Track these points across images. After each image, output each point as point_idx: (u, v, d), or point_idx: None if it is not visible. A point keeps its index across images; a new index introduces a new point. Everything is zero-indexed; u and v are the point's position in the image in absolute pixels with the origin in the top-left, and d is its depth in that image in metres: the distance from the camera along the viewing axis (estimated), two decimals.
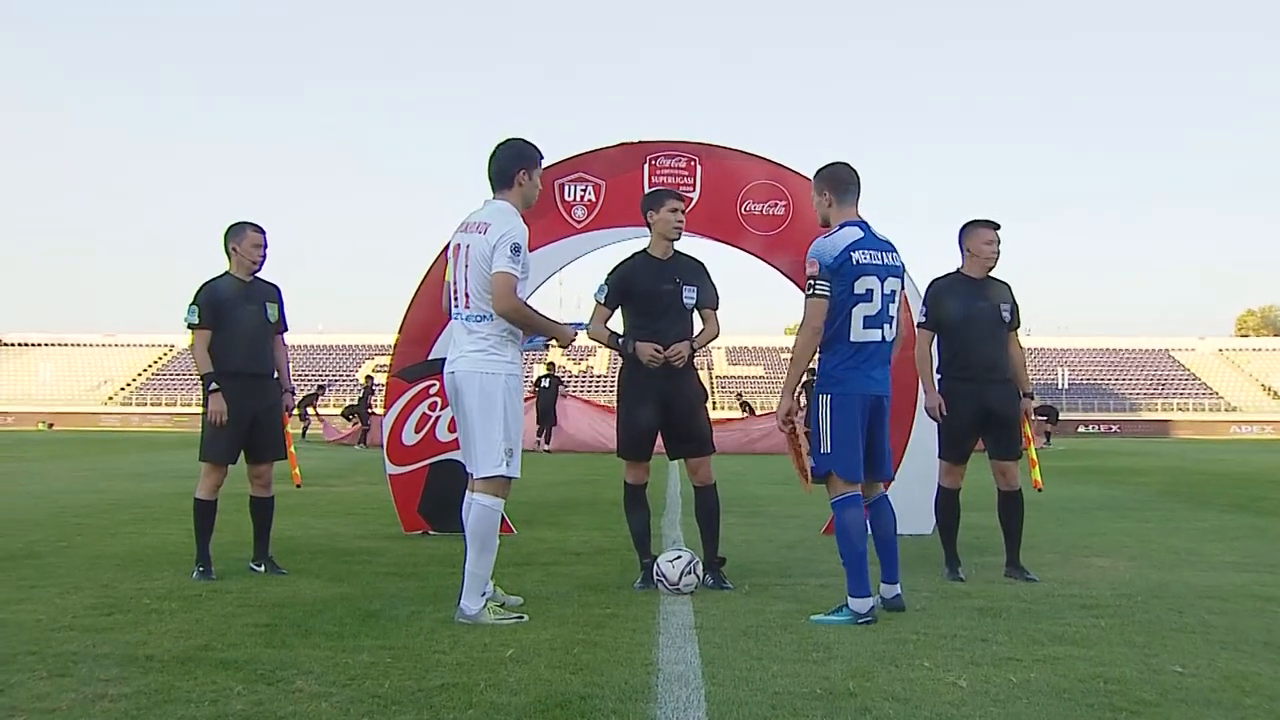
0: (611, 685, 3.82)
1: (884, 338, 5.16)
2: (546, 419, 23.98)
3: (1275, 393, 64.16)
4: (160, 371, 67.00)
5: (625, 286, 5.97)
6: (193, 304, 6.13)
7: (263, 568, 6.29)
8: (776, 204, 8.31)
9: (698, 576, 5.66)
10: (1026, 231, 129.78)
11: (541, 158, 5.28)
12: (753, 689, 3.80)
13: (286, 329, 6.53)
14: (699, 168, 8.29)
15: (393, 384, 8.33)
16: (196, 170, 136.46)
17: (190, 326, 6.16)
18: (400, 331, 8.39)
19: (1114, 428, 57.75)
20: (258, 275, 6.34)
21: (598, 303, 6.02)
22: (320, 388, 35.97)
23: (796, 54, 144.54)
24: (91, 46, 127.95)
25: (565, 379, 27.27)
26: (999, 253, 6.36)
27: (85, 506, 10.30)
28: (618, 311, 6.07)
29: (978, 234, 6.35)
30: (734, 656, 4.27)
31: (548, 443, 23.93)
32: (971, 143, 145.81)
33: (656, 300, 5.90)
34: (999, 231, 6.37)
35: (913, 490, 8.08)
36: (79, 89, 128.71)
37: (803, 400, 5.74)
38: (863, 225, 5.21)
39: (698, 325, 6.09)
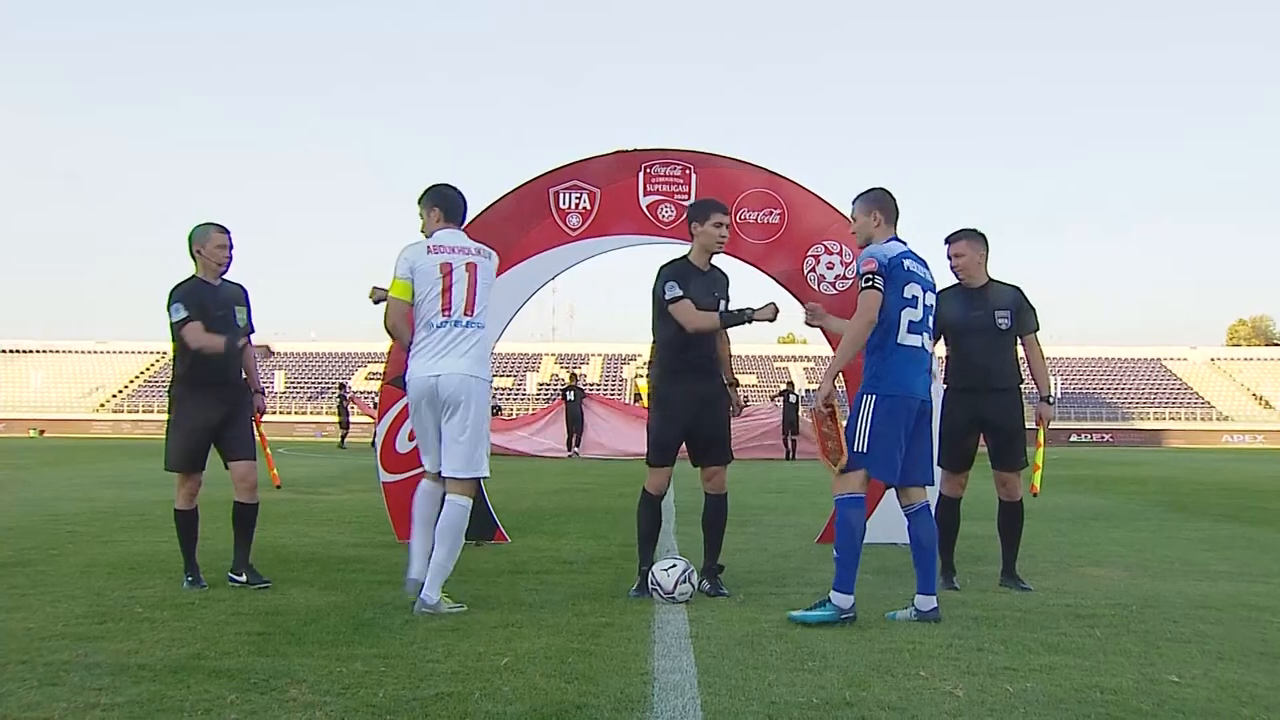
0: (607, 694, 3.81)
1: (924, 345, 5.38)
2: (576, 426, 26.29)
3: (1267, 402, 64.31)
4: (153, 379, 66.74)
5: (683, 286, 5.91)
6: (174, 302, 5.91)
7: (243, 577, 6.07)
8: (771, 212, 8.30)
9: (693, 585, 5.65)
10: (1020, 242, 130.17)
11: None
12: (748, 698, 3.79)
13: (253, 331, 6.34)
14: (694, 176, 8.29)
15: (386, 392, 8.30)
16: (191, 176, 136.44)
17: (180, 324, 5.89)
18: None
19: (1107, 437, 57.83)
20: (224, 278, 6.17)
21: (678, 299, 5.83)
22: (342, 385, 36.95)
23: (796, 62, 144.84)
24: (87, 51, 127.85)
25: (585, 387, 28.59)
26: (963, 265, 6.30)
27: (77, 514, 10.26)
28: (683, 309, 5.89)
29: (947, 249, 6.39)
30: (729, 666, 4.26)
31: (577, 445, 26.06)
32: (965, 154, 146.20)
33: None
34: (960, 244, 6.31)
35: None
36: (74, 94, 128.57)
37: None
38: (905, 244, 5.48)
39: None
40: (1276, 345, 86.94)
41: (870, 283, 5.25)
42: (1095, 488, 16.05)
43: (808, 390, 59.26)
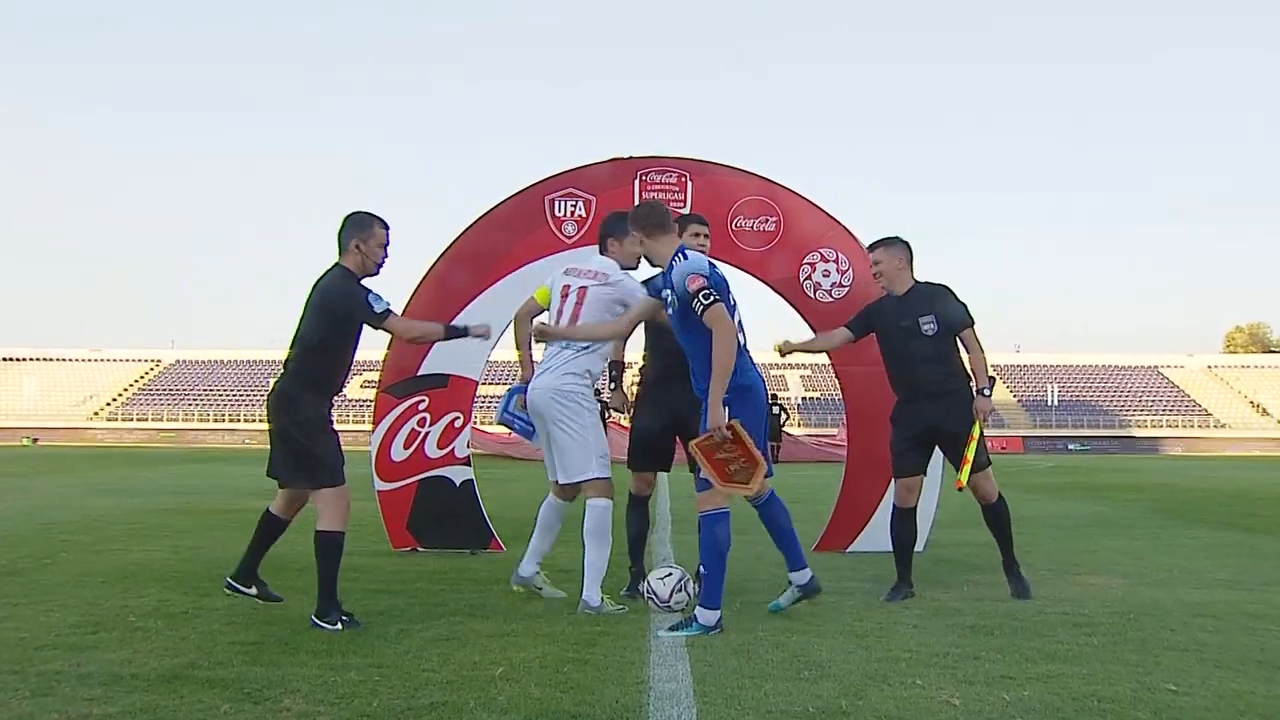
0: (602, 704, 3.80)
1: None
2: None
3: (1264, 409, 64.35)
4: (147, 386, 66.67)
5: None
6: (373, 294, 5.32)
7: (253, 590, 5.70)
8: (767, 219, 8.31)
9: (689, 594, 5.65)
10: (1016, 248, 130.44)
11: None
12: (744, 708, 3.77)
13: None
14: (689, 183, 8.29)
15: (381, 399, 8.28)
16: (184, 184, 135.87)
17: (386, 313, 5.33)
18: (389, 347, 8.34)
19: (1104, 444, 57.86)
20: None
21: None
22: None
23: (793, 69, 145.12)
24: (86, 56, 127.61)
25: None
26: (881, 272, 6.28)
27: (70, 523, 10.21)
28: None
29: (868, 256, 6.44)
30: (725, 675, 4.24)
31: None
32: (958, 160, 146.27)
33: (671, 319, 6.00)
34: (877, 251, 6.31)
35: None
36: (66, 102, 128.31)
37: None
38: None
39: None
40: (1273, 352, 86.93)
41: (711, 297, 5.10)
42: (1092, 495, 16.05)
43: (803, 398, 59.28)
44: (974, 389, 6.15)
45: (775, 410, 27.85)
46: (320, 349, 5.32)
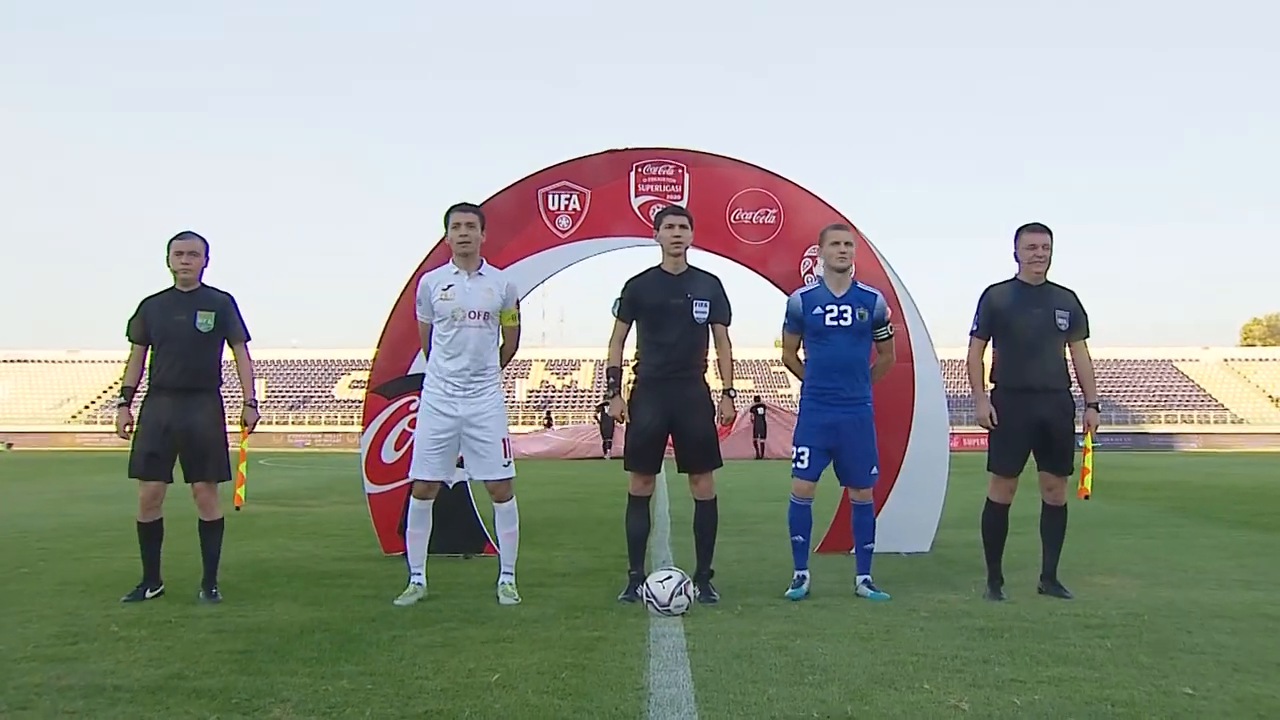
0: (601, 710, 3.74)
1: None
2: (609, 435, 32.97)
3: None
4: None
5: (635, 299, 6.12)
6: (130, 321, 6.12)
7: (201, 594, 6.00)
8: (767, 212, 8.19)
9: (689, 597, 5.56)
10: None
11: None
12: (747, 713, 3.70)
13: (248, 338, 6.25)
14: (687, 176, 8.17)
15: (371, 400, 8.15)
16: (169, 180, 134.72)
17: (129, 335, 6.15)
18: (379, 346, 8.22)
19: (1116, 440, 57.33)
20: (205, 284, 6.13)
21: (615, 317, 6.21)
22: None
23: (792, 61, 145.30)
24: (59, 53, 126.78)
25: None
26: (1045, 258, 6.13)
27: (49, 530, 10.07)
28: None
29: (1021, 239, 6.18)
30: (727, 680, 4.16)
31: (608, 448, 32.30)
32: (966, 153, 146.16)
33: (665, 314, 6.03)
34: (1046, 236, 6.15)
35: (909, 505, 7.97)
36: (46, 97, 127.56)
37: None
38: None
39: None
40: None
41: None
42: (1105, 494, 15.87)
43: None
44: (1086, 402, 6.28)
45: (760, 411, 30.76)
46: None
